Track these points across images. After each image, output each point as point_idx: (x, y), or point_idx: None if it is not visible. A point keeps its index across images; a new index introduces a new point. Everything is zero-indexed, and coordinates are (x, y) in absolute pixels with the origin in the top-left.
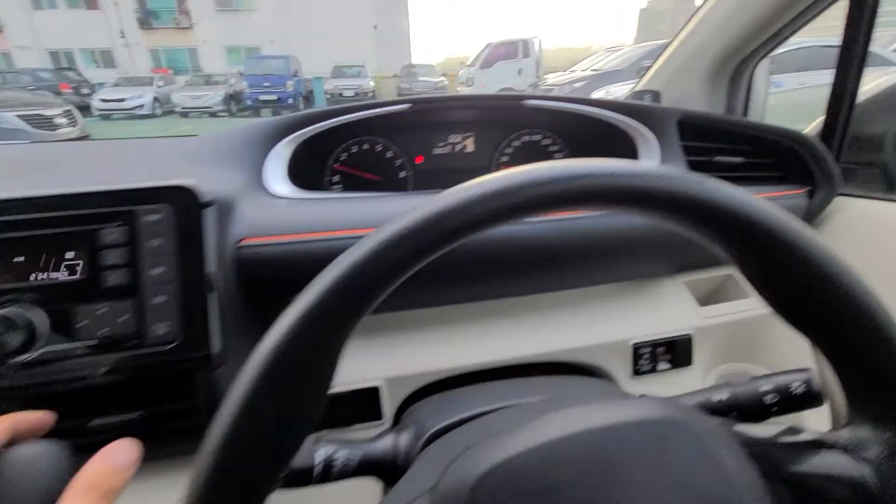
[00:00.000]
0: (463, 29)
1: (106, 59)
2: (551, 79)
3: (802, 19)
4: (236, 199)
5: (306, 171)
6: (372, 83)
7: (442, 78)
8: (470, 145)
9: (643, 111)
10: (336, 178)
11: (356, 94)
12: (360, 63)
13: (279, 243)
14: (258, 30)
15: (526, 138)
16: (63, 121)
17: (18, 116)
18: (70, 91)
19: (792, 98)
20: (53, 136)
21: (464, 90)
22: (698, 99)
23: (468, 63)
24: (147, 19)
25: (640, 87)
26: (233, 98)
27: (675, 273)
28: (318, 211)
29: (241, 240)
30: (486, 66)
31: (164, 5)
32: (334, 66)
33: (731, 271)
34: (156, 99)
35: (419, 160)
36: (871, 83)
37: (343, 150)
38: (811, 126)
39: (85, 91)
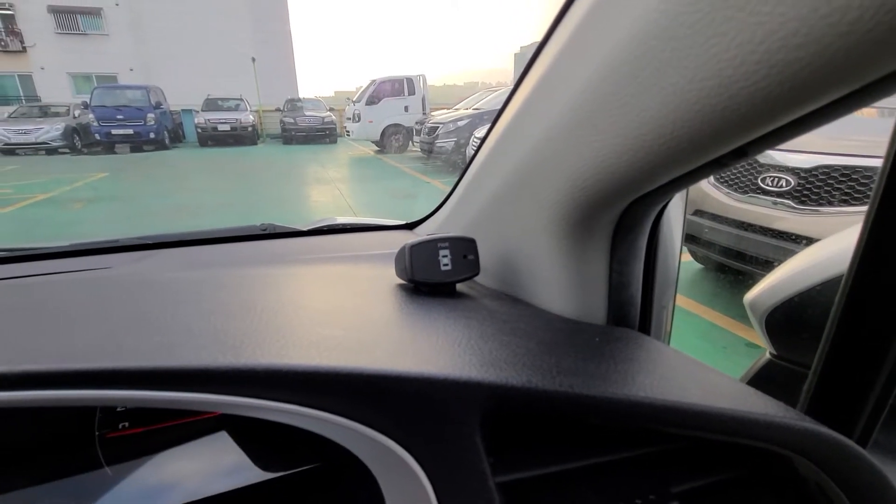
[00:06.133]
0: (354, 62)
1: None
2: (438, 115)
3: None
4: None
5: None
6: (252, 117)
7: (329, 113)
8: None
9: (380, 395)
10: None
11: (233, 128)
12: (238, 96)
13: None
14: (114, 57)
15: None
16: None
17: None
18: None
19: None
20: None
21: (351, 126)
22: (551, 262)
23: (354, 98)
24: None
25: (453, 207)
26: (77, 132)
27: None
28: None
29: None
30: (373, 102)
31: None
32: (207, 99)
33: None
34: None
35: None
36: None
37: None
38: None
39: None
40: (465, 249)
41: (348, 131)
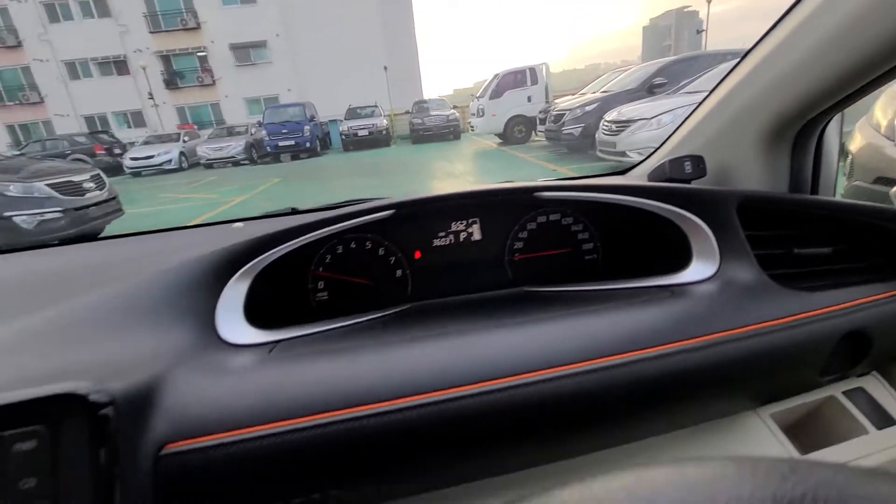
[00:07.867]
0: (471, 59)
1: (136, 119)
2: (561, 103)
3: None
4: (165, 377)
5: (279, 293)
6: (385, 121)
7: (453, 111)
8: (476, 232)
9: (690, 197)
10: (321, 285)
11: (370, 132)
12: (373, 103)
13: (217, 445)
14: (276, 80)
15: (542, 218)
16: (91, 185)
17: (49, 185)
18: (103, 152)
19: None
20: (82, 200)
21: (475, 121)
22: (753, 166)
23: (477, 94)
24: (173, 80)
25: (670, 149)
26: (254, 146)
27: (758, 406)
28: (281, 375)
29: (164, 445)
30: (496, 95)
31: (188, 66)
32: (348, 108)
33: (830, 391)
34: (182, 153)
35: (417, 255)
36: None
37: (327, 252)
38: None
39: (117, 151)
40: (698, 161)
41: (472, 126)
